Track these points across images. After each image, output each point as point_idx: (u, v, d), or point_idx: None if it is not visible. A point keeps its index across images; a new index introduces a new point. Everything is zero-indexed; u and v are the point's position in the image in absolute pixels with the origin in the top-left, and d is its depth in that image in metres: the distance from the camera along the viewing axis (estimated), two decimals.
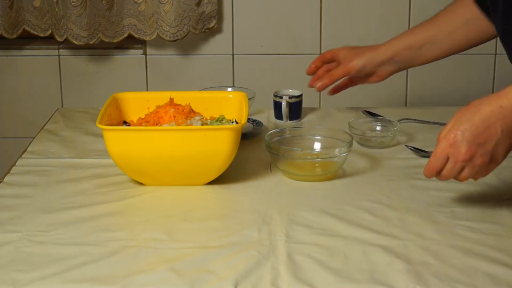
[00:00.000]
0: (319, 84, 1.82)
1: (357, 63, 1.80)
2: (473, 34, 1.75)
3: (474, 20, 1.72)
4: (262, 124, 1.86)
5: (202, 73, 2.73)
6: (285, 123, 1.90)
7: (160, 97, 1.66)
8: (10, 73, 2.72)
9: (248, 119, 1.78)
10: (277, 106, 1.92)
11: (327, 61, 1.86)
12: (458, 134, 1.32)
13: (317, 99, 2.73)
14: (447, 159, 1.34)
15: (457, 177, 1.37)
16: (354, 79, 1.86)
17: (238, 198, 1.54)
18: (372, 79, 1.85)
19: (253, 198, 1.52)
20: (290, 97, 1.91)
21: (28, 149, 1.77)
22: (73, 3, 2.52)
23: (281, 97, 1.91)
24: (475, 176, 1.37)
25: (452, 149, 1.33)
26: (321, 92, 2.70)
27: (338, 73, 1.81)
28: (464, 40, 1.76)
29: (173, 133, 1.52)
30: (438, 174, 1.37)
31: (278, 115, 1.92)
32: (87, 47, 2.65)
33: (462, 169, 1.35)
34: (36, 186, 1.57)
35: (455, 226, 1.39)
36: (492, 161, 1.34)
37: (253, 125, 1.85)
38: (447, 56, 1.82)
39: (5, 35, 2.61)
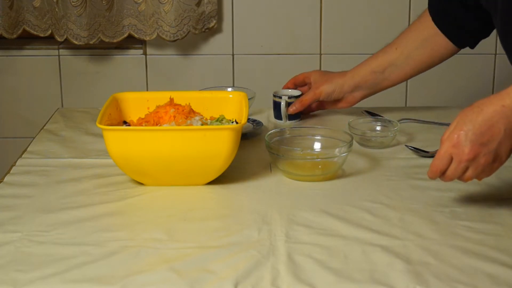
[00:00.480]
0: (291, 110, 1.89)
1: (325, 89, 1.88)
2: (431, 52, 1.82)
3: (431, 38, 1.79)
4: (262, 124, 1.86)
5: (202, 73, 2.73)
6: (284, 123, 1.90)
7: (160, 97, 1.66)
8: (10, 73, 2.72)
9: (248, 119, 1.78)
10: (276, 106, 1.91)
11: (299, 84, 1.95)
12: (462, 134, 1.33)
13: None
14: (451, 159, 1.35)
15: (461, 177, 1.37)
16: (324, 104, 1.94)
17: (238, 198, 1.54)
18: (341, 105, 1.92)
19: (253, 198, 1.52)
20: (289, 97, 1.90)
21: (28, 149, 1.77)
22: (73, 3, 2.52)
23: (280, 97, 1.90)
24: (479, 176, 1.37)
25: (456, 150, 1.34)
26: None
27: (307, 98, 1.89)
28: (424, 60, 1.83)
29: (173, 133, 1.52)
30: (442, 175, 1.38)
31: (278, 115, 1.92)
32: (87, 47, 2.66)
33: (466, 169, 1.35)
34: (36, 186, 1.57)
35: (455, 226, 1.39)
36: (496, 161, 1.34)
37: (253, 125, 1.85)
38: (412, 76, 1.88)
39: (5, 35, 2.61)
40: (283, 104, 1.89)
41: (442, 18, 1.77)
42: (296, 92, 1.93)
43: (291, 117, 1.91)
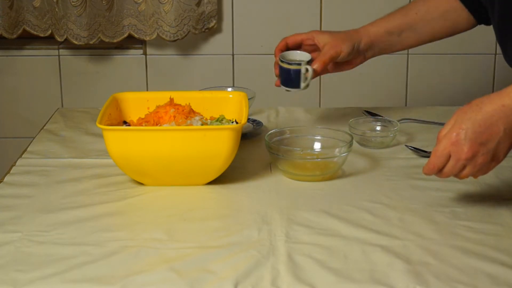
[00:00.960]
0: (312, 68, 1.71)
1: (346, 48, 1.74)
2: (452, 25, 1.77)
3: (452, 10, 1.75)
4: (262, 124, 1.86)
5: (202, 73, 2.73)
6: (303, 89, 1.74)
7: (160, 97, 1.66)
8: (10, 73, 2.72)
9: (248, 119, 1.78)
10: (290, 72, 1.73)
11: (293, 47, 1.79)
12: (461, 132, 1.32)
13: (317, 99, 2.73)
14: (449, 157, 1.35)
15: (457, 175, 1.37)
16: (333, 66, 1.78)
17: (238, 198, 1.54)
18: (348, 66, 1.79)
19: (253, 198, 1.52)
20: (308, 62, 1.73)
21: (28, 149, 1.77)
22: (73, 3, 2.52)
23: (293, 63, 1.73)
24: (476, 174, 1.37)
25: (454, 147, 1.33)
26: (321, 92, 2.71)
27: (327, 56, 1.72)
28: (442, 31, 1.78)
29: (173, 133, 1.52)
30: (439, 172, 1.38)
31: (291, 82, 1.74)
32: (87, 47, 2.65)
33: (463, 167, 1.35)
34: (36, 186, 1.57)
35: (455, 226, 1.39)
36: (494, 160, 1.34)
37: (253, 125, 1.84)
38: (424, 43, 1.82)
39: (5, 35, 2.61)
40: (303, 69, 1.72)
41: None
42: (306, 56, 1.75)
43: (294, 84, 1.74)
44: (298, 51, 1.78)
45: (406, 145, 1.76)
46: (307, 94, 2.30)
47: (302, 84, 1.73)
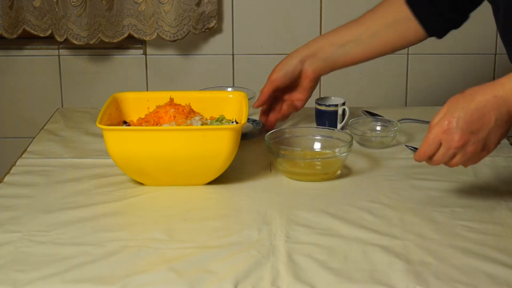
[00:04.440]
0: (255, 105, 1.80)
1: (276, 71, 1.78)
2: (401, 35, 1.73)
3: (402, 20, 1.72)
4: (262, 124, 1.85)
5: (202, 73, 2.73)
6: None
7: (160, 97, 1.66)
8: (10, 73, 2.72)
9: (248, 119, 1.78)
10: (327, 114, 1.85)
11: (271, 94, 1.81)
12: (453, 121, 1.33)
13: None
14: (440, 145, 1.36)
15: (447, 163, 1.38)
16: (292, 95, 1.81)
17: (238, 198, 1.53)
18: (303, 83, 1.79)
19: (253, 198, 1.52)
20: (342, 104, 1.85)
21: (28, 149, 1.77)
22: (73, 3, 2.52)
23: (336, 105, 1.85)
24: (466, 163, 1.38)
25: (445, 136, 1.34)
26: (321, 92, 2.71)
27: (265, 89, 1.79)
28: (390, 41, 1.75)
29: (173, 133, 1.52)
30: (429, 159, 1.39)
31: (328, 123, 1.85)
32: (87, 47, 2.65)
33: (454, 155, 1.36)
34: (36, 186, 1.57)
35: (455, 226, 1.39)
36: (484, 150, 1.35)
37: (253, 125, 1.85)
38: (374, 57, 1.79)
39: (5, 35, 2.61)
40: (340, 111, 1.84)
41: (417, 2, 1.70)
42: (339, 100, 1.87)
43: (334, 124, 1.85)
44: (335, 98, 1.89)
45: (406, 145, 1.76)
46: None
47: (339, 125, 1.84)
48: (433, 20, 1.70)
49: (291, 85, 1.80)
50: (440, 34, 1.74)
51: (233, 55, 2.72)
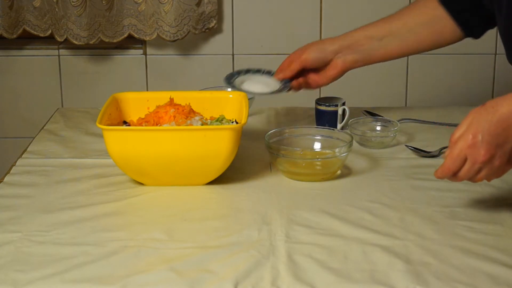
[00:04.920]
0: (277, 76, 1.77)
1: (310, 53, 1.75)
2: (438, 34, 1.72)
3: (438, 19, 1.70)
4: (290, 84, 1.78)
5: (202, 73, 2.73)
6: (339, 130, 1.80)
7: (160, 97, 1.66)
8: (10, 73, 2.72)
9: (263, 70, 1.73)
10: (326, 114, 1.85)
11: (287, 68, 1.79)
12: (478, 135, 1.29)
13: None
14: (465, 160, 1.32)
15: (472, 178, 1.34)
16: (313, 79, 1.79)
17: (238, 198, 1.53)
18: (330, 72, 1.77)
19: (253, 198, 1.52)
20: (343, 104, 1.86)
21: (28, 149, 1.77)
22: (73, 3, 2.52)
23: (330, 105, 1.85)
24: (490, 177, 1.34)
25: (471, 150, 1.30)
26: (321, 92, 2.71)
27: (293, 66, 1.76)
28: (426, 39, 1.73)
29: (173, 133, 1.52)
30: (454, 175, 1.34)
31: (327, 123, 1.84)
32: (87, 47, 2.66)
33: (479, 170, 1.32)
34: (36, 186, 1.57)
35: (455, 226, 1.39)
36: (510, 162, 1.32)
37: (281, 84, 1.77)
38: (410, 54, 1.78)
39: (5, 35, 2.61)
40: (340, 111, 1.84)
41: (453, 2, 1.69)
42: (339, 100, 1.88)
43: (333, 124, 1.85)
44: (335, 97, 1.88)
45: (406, 145, 1.76)
46: (307, 94, 2.30)
47: (338, 125, 1.84)
48: (468, 19, 1.68)
49: (316, 68, 1.78)
50: (477, 34, 1.71)
51: (233, 55, 2.72)
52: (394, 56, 1.77)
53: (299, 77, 1.79)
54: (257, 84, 1.78)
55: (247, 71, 1.83)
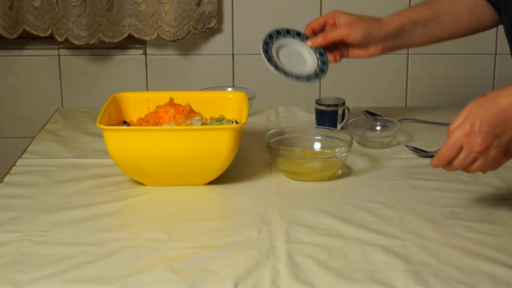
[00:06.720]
0: (310, 42, 1.71)
1: (361, 30, 1.69)
2: (476, 21, 1.72)
3: (477, 7, 1.70)
4: (327, 66, 1.72)
5: (202, 73, 2.73)
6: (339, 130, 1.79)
7: (160, 97, 1.66)
8: (10, 73, 2.72)
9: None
10: (325, 114, 1.85)
11: (319, 29, 1.73)
12: (476, 124, 1.29)
13: None
14: (461, 149, 1.31)
15: (467, 168, 1.34)
16: (348, 50, 1.73)
17: (238, 198, 1.53)
18: (369, 52, 1.72)
19: (253, 198, 1.52)
20: (343, 104, 1.86)
21: (28, 149, 1.77)
22: (73, 3, 2.52)
23: (336, 105, 1.85)
24: (486, 168, 1.34)
25: (468, 139, 1.30)
26: (321, 92, 2.71)
27: (333, 34, 1.69)
28: (466, 26, 1.73)
29: (173, 133, 1.52)
30: (449, 164, 1.34)
31: (328, 123, 1.84)
32: (87, 47, 2.65)
33: (475, 160, 1.32)
34: (36, 186, 1.57)
35: (455, 226, 1.39)
36: (506, 154, 1.31)
37: (318, 63, 1.71)
38: (448, 39, 1.76)
39: (5, 35, 2.61)
40: (340, 111, 1.84)
41: None
42: (339, 100, 1.87)
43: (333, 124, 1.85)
44: (335, 98, 1.87)
45: (406, 145, 1.76)
46: (307, 94, 2.30)
47: (338, 125, 1.83)
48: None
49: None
50: None
51: (233, 55, 2.72)
52: (433, 41, 1.76)
53: (333, 46, 1.73)
54: (294, 60, 1.70)
55: (278, 33, 1.75)
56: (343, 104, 1.86)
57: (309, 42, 1.71)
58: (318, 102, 1.87)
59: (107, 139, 1.52)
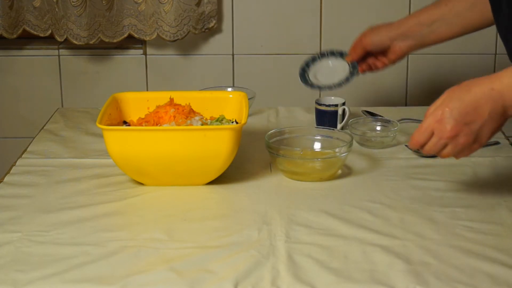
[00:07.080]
0: (349, 58, 1.89)
1: (372, 37, 1.84)
2: (484, 15, 1.75)
3: (480, 3, 1.74)
4: (357, 70, 1.87)
5: (202, 73, 2.73)
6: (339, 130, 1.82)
7: (160, 97, 1.66)
8: (10, 73, 2.72)
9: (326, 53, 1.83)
10: (326, 114, 1.87)
11: (362, 52, 1.89)
12: (446, 111, 1.34)
13: None
14: (432, 134, 1.36)
15: (439, 153, 1.38)
16: (376, 61, 1.89)
17: (238, 198, 1.54)
18: (390, 56, 1.86)
19: (253, 198, 1.52)
20: (342, 104, 1.88)
21: (28, 149, 1.77)
22: (73, 3, 2.52)
23: (336, 105, 1.87)
24: (457, 155, 1.37)
25: (438, 125, 1.35)
26: (321, 92, 2.71)
27: (356, 48, 1.87)
28: (473, 22, 1.78)
29: (173, 133, 1.52)
30: (422, 147, 1.38)
31: (328, 123, 1.86)
32: (87, 47, 2.65)
33: (445, 146, 1.36)
34: (36, 186, 1.57)
35: (455, 226, 1.39)
36: (476, 142, 1.35)
37: (350, 67, 1.87)
38: (458, 36, 1.83)
39: (5, 35, 2.61)
40: (340, 111, 1.86)
41: None
42: (339, 100, 1.90)
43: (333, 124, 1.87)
44: (335, 98, 1.93)
45: (406, 145, 1.76)
46: (307, 94, 2.30)
47: (338, 125, 1.86)
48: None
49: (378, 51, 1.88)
50: None
51: (233, 55, 2.72)
52: (444, 39, 1.83)
53: (365, 60, 1.89)
54: (328, 75, 1.90)
55: (317, 57, 1.95)
56: (343, 104, 1.86)
57: (346, 58, 1.90)
58: (318, 102, 1.87)
59: (107, 139, 1.52)
